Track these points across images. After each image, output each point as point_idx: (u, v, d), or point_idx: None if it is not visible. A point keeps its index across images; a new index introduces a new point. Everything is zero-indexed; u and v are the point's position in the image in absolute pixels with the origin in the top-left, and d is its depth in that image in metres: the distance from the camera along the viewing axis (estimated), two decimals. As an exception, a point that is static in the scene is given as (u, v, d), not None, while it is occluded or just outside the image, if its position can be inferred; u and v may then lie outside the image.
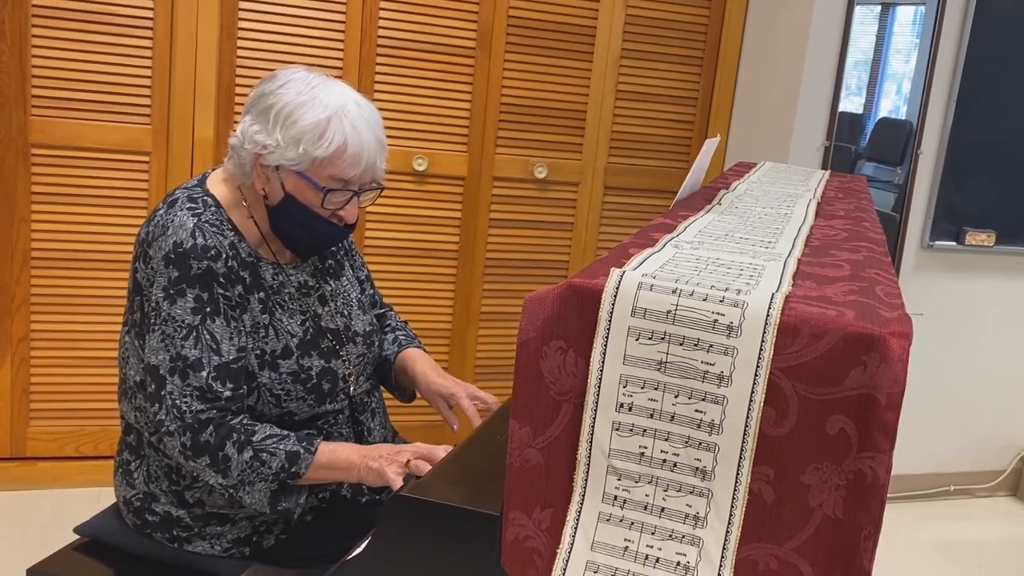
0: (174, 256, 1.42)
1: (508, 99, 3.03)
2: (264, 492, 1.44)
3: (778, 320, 0.92)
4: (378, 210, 2.91)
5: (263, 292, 1.52)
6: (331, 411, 1.60)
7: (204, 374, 1.42)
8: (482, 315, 3.18)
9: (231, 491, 1.44)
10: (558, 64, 3.06)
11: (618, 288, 0.96)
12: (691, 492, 0.97)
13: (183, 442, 1.41)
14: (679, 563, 0.97)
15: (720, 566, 0.96)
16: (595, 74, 3.10)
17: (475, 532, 1.08)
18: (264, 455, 1.42)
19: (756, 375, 0.92)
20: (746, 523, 0.95)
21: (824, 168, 2.93)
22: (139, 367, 1.49)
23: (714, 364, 0.94)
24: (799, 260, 1.17)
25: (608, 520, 1.00)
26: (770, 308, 0.92)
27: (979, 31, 3.02)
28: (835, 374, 0.90)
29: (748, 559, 0.96)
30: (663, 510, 0.98)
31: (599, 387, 0.98)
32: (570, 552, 1.01)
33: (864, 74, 3.06)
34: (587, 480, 1.00)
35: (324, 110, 1.45)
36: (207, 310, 1.43)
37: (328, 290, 1.64)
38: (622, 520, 0.99)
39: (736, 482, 0.95)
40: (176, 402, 1.41)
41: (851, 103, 3.03)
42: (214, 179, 1.56)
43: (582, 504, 1.01)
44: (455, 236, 3.08)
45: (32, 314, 2.71)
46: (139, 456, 1.57)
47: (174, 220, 1.45)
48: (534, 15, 3.00)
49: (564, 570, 1.00)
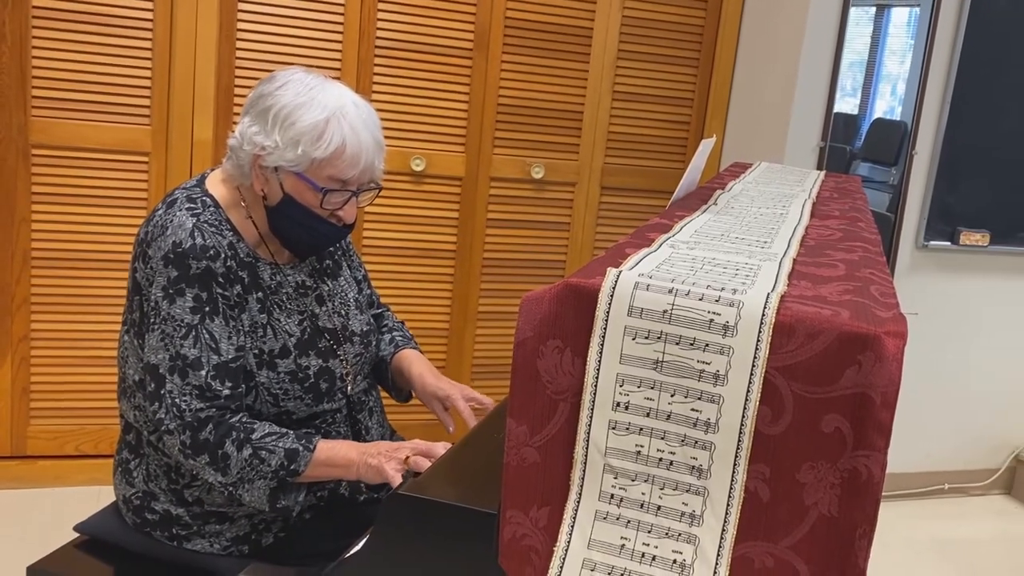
0: (173, 256, 1.43)
1: (505, 100, 3.04)
2: (263, 490, 1.44)
3: (774, 319, 0.92)
4: (376, 210, 2.91)
5: (261, 292, 1.53)
6: (329, 410, 1.60)
7: (203, 373, 1.43)
8: (479, 315, 3.19)
9: (230, 489, 1.45)
10: (555, 65, 3.07)
11: (614, 288, 0.97)
12: (687, 490, 0.97)
13: (183, 440, 1.42)
14: (675, 561, 0.98)
15: (716, 564, 0.96)
16: (592, 75, 3.10)
17: (473, 530, 1.08)
18: (263, 453, 1.43)
19: (752, 374, 0.93)
20: (742, 521, 0.96)
21: (819, 168, 2.94)
22: (138, 366, 1.49)
23: (710, 363, 0.94)
24: (794, 260, 1.17)
25: (605, 518, 1.00)
26: (766, 308, 0.93)
27: (974, 32, 3.03)
28: (830, 373, 0.90)
29: (744, 557, 0.96)
30: (659, 508, 0.98)
31: (596, 386, 0.98)
32: (567, 550, 1.01)
33: (859, 75, 3.06)
34: (584, 479, 1.00)
35: (322, 111, 1.46)
36: (206, 309, 1.44)
37: (325, 290, 1.65)
38: (619, 518, 1.00)
39: (732, 480, 0.95)
40: (176, 401, 1.42)
41: (846, 104, 3.04)
42: (213, 179, 1.57)
43: (579, 502, 1.01)
44: (452, 236, 3.08)
45: (32, 314, 2.71)
46: (138, 455, 1.57)
47: (173, 220, 1.46)
48: (531, 16, 3.00)
49: (561, 568, 1.01)
